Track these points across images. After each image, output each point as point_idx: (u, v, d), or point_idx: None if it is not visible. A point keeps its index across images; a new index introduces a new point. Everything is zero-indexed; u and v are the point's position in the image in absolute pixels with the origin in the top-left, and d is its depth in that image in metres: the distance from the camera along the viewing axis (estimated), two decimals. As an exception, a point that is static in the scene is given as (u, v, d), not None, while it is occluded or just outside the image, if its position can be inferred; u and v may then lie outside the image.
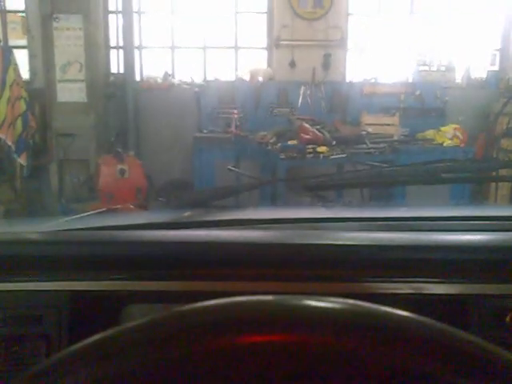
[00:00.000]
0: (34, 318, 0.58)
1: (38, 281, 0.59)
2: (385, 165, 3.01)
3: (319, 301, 0.31)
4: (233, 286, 0.55)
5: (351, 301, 0.31)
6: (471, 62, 5.47)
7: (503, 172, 1.30)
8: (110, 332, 0.30)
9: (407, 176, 0.99)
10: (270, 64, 5.35)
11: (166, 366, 0.28)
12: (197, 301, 0.31)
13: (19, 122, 4.40)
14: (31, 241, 0.65)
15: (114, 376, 0.28)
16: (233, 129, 4.49)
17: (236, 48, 5.40)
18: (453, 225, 0.79)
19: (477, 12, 5.41)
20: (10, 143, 4.30)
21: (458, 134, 4.54)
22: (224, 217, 0.90)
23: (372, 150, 3.83)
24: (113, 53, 5.27)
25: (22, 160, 4.38)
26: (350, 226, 0.79)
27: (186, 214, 0.93)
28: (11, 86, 4.36)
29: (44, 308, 0.58)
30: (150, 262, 0.60)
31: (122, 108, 4.91)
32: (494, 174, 1.26)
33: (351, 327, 0.29)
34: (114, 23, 5.11)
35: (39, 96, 4.81)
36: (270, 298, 0.32)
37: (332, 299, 0.32)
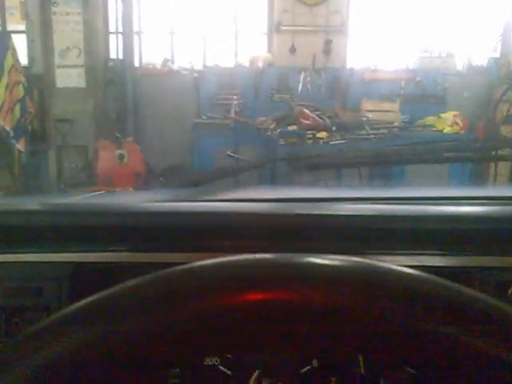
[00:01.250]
0: (35, 290, 0.57)
1: (38, 252, 0.59)
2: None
3: (319, 258, 0.31)
4: None
5: (354, 258, 0.31)
6: (472, 49, 5.44)
7: (504, 151, 1.30)
8: (108, 292, 0.30)
9: (409, 155, 0.99)
10: (270, 50, 5.32)
11: (161, 326, 0.28)
12: None
13: (17, 108, 4.38)
14: (31, 211, 0.65)
15: (113, 335, 0.28)
16: (232, 115, 4.48)
17: (236, 33, 5.36)
18: (452, 204, 0.79)
19: (478, -2, 5.37)
20: (8, 129, 4.29)
21: (458, 120, 4.53)
22: (225, 196, 0.89)
23: (372, 136, 3.82)
24: (112, 38, 5.23)
25: (20, 146, 4.37)
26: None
27: (188, 192, 0.92)
28: (9, 71, 4.34)
29: (44, 280, 0.58)
30: (154, 232, 0.59)
31: (120, 94, 4.88)
32: (494, 153, 1.26)
33: (352, 283, 0.29)
34: (114, 8, 5.06)
35: (38, 81, 4.79)
36: (269, 256, 0.31)
37: (332, 257, 0.31)
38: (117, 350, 0.28)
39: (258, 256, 0.31)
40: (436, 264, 0.59)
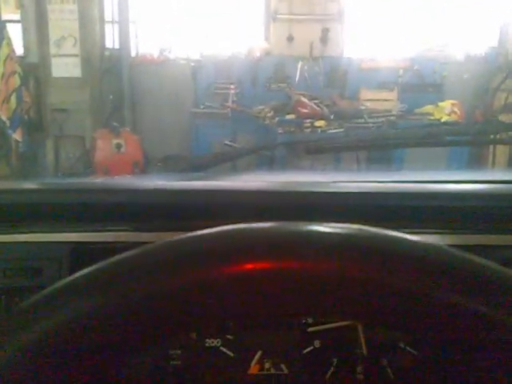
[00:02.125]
0: (34, 270, 0.57)
1: (38, 232, 0.58)
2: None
3: (320, 226, 0.30)
4: None
5: (362, 227, 0.31)
6: (471, 38, 5.42)
7: (504, 135, 1.29)
8: (107, 262, 0.29)
9: (408, 139, 0.99)
10: (267, 38, 5.29)
11: (154, 297, 0.28)
12: None
13: (13, 98, 4.35)
14: (31, 190, 0.64)
15: (112, 304, 0.27)
16: (230, 104, 4.46)
17: (233, 22, 5.32)
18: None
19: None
20: (4, 119, 4.26)
21: (456, 109, 4.52)
22: (225, 179, 0.89)
23: (370, 125, 3.82)
24: (108, 27, 5.19)
25: (17, 136, 4.35)
26: None
27: (187, 176, 0.92)
28: (5, 60, 4.31)
29: (44, 260, 0.57)
30: (154, 211, 0.59)
31: (117, 83, 4.85)
32: (492, 137, 1.25)
33: (358, 252, 0.29)
34: (109, -3, 5.03)
35: (33, 71, 4.76)
36: (277, 224, 0.31)
37: (337, 225, 0.31)
38: (116, 319, 0.27)
39: (264, 224, 0.31)
40: (440, 242, 0.58)
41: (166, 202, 0.60)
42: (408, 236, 0.30)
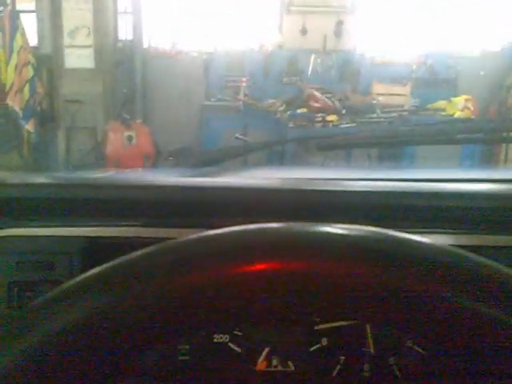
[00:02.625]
0: (46, 264, 0.57)
1: (50, 226, 0.58)
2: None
3: (326, 227, 0.30)
4: None
5: (370, 228, 0.30)
6: (486, 33, 5.35)
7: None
8: (114, 262, 0.30)
9: (421, 136, 0.98)
10: (280, 31, 5.26)
11: (166, 296, 0.28)
12: None
13: (27, 88, 4.38)
14: (43, 185, 0.65)
15: (119, 305, 0.28)
16: (241, 97, 4.45)
17: (246, 15, 5.30)
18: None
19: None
20: (17, 109, 4.29)
21: (469, 105, 4.48)
22: (236, 174, 0.89)
23: (382, 120, 3.79)
24: (121, 18, 5.20)
25: (29, 126, 4.38)
26: None
27: (198, 171, 0.92)
28: (19, 51, 4.33)
29: (56, 254, 0.58)
30: (166, 208, 0.59)
31: (130, 75, 4.86)
32: (505, 135, 1.24)
33: (363, 253, 0.28)
34: (123, -12, 5.03)
35: (47, 62, 4.77)
36: (280, 225, 0.31)
37: (342, 226, 0.30)
38: (128, 318, 0.28)
39: (273, 225, 0.31)
40: (448, 243, 0.58)
41: (177, 199, 0.60)
42: (418, 237, 0.30)
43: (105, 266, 0.30)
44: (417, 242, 0.30)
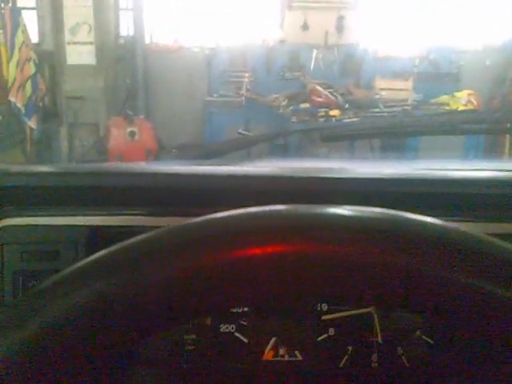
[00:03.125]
0: (51, 254, 0.57)
1: (54, 215, 0.58)
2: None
3: (341, 209, 0.30)
4: None
5: (379, 209, 0.30)
6: (488, 26, 5.33)
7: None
8: (116, 246, 0.29)
9: (425, 126, 0.97)
10: (281, 27, 5.24)
11: (175, 279, 0.27)
12: None
13: (29, 85, 4.37)
14: (47, 173, 0.64)
15: (127, 288, 0.27)
16: (244, 92, 4.44)
17: (247, 10, 5.28)
18: None
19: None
20: (19, 106, 4.29)
21: (472, 99, 4.46)
22: (241, 166, 0.88)
23: (385, 114, 3.78)
24: (122, 15, 5.19)
25: (32, 123, 4.38)
26: None
27: (202, 163, 0.91)
28: (20, 47, 4.33)
29: (61, 243, 0.57)
30: (171, 196, 0.58)
31: (131, 71, 4.86)
32: (510, 125, 1.23)
33: (381, 235, 0.28)
34: (123, -16, 5.02)
35: (48, 58, 4.77)
36: (281, 207, 0.30)
37: (347, 208, 0.30)
38: (136, 301, 0.27)
39: (279, 207, 0.30)
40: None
41: (182, 187, 0.60)
42: (432, 219, 0.29)
43: (109, 249, 0.29)
44: (431, 223, 0.29)
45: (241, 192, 0.58)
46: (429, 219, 0.29)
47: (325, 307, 0.65)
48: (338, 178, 0.61)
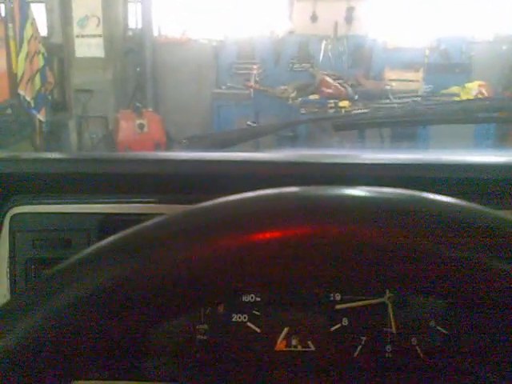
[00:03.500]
0: (63, 242, 0.57)
1: (66, 203, 0.58)
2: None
3: (360, 191, 0.29)
4: None
5: (390, 189, 0.29)
6: (500, 16, 5.27)
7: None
8: (130, 230, 0.28)
9: (438, 115, 0.96)
10: (290, 18, 5.22)
11: (192, 262, 0.26)
12: None
13: (38, 78, 4.38)
14: (58, 159, 0.64)
15: (141, 272, 0.26)
16: (252, 84, 4.43)
17: (256, 1, 5.26)
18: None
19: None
20: (29, 99, 4.30)
21: (483, 90, 4.42)
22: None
23: (395, 106, 3.75)
24: (131, 7, 5.18)
25: (41, 116, 4.39)
26: None
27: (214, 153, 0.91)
28: (29, 40, 4.33)
29: (73, 231, 0.57)
30: (184, 183, 0.58)
31: (140, 63, 4.86)
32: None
33: (389, 217, 0.27)
34: (132, -24, 5.01)
35: (57, 51, 4.78)
36: (296, 189, 0.29)
37: (363, 188, 0.29)
38: (150, 286, 0.27)
39: (291, 189, 0.29)
40: None
41: (193, 173, 0.59)
42: (454, 199, 0.28)
43: (121, 233, 0.28)
44: (454, 204, 0.28)
45: (253, 178, 0.57)
46: (444, 198, 0.28)
47: (338, 297, 0.64)
48: (351, 164, 0.60)
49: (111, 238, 0.29)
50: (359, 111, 3.63)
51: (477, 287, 0.26)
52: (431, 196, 0.28)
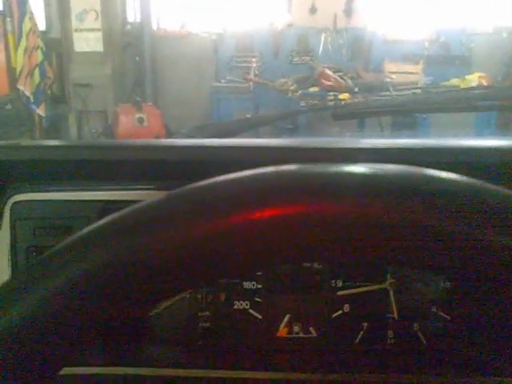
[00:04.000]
0: (64, 229, 0.57)
1: (66, 191, 0.58)
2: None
3: (345, 166, 0.28)
4: None
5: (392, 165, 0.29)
6: (499, 7, 5.25)
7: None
8: (133, 208, 0.28)
9: (438, 103, 0.95)
10: (289, 10, 5.19)
11: (194, 239, 0.26)
12: None
13: (37, 73, 4.38)
14: (58, 147, 0.64)
15: (141, 250, 0.26)
16: (252, 77, 4.41)
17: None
18: None
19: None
20: (28, 94, 4.30)
21: (483, 82, 4.41)
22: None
23: (395, 98, 3.74)
24: (129, 1, 5.16)
25: (40, 111, 4.39)
26: None
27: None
28: (28, 35, 4.32)
29: (74, 218, 0.57)
30: (184, 170, 0.58)
31: (139, 57, 4.84)
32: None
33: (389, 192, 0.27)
34: (130, -31, 4.99)
35: (56, 46, 4.77)
36: (296, 166, 0.29)
37: (381, 166, 0.29)
38: (152, 263, 0.26)
39: (294, 166, 0.29)
40: None
41: (193, 160, 0.59)
42: (455, 175, 0.28)
43: (121, 212, 0.28)
44: (458, 180, 0.28)
45: (251, 163, 0.57)
46: (450, 175, 0.28)
47: (339, 283, 0.64)
48: (350, 148, 0.60)
49: (114, 215, 0.29)
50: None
51: (481, 263, 0.26)
52: (436, 172, 0.28)
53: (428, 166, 0.51)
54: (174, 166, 0.59)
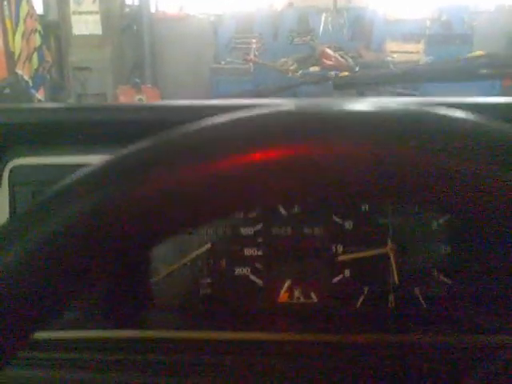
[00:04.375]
0: None
1: (65, 154, 0.57)
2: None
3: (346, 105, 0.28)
4: None
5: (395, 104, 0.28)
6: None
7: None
8: (129, 149, 0.28)
9: (443, 72, 0.94)
10: (289, -10, 5.14)
11: (190, 181, 0.26)
12: None
13: (35, 57, 4.35)
14: (57, 108, 0.63)
15: (135, 192, 0.26)
16: (252, 58, 4.37)
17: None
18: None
19: None
20: (27, 78, 4.27)
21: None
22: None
23: (398, 69, 3.71)
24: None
25: (39, 95, 4.36)
26: None
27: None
28: (25, 19, 4.29)
29: None
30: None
31: (138, 40, 4.81)
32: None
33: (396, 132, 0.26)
34: (128, -50, 4.93)
35: (54, 29, 4.73)
36: (318, 103, 0.28)
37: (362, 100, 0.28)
38: (147, 205, 0.26)
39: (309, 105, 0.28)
40: None
41: (181, 120, 0.58)
42: (460, 112, 0.27)
43: (118, 154, 0.28)
44: (463, 117, 0.27)
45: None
46: (454, 111, 0.27)
47: (340, 248, 0.64)
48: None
49: (108, 158, 0.28)
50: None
51: (488, 200, 0.26)
52: (441, 110, 0.27)
53: None
54: (173, 126, 0.58)
